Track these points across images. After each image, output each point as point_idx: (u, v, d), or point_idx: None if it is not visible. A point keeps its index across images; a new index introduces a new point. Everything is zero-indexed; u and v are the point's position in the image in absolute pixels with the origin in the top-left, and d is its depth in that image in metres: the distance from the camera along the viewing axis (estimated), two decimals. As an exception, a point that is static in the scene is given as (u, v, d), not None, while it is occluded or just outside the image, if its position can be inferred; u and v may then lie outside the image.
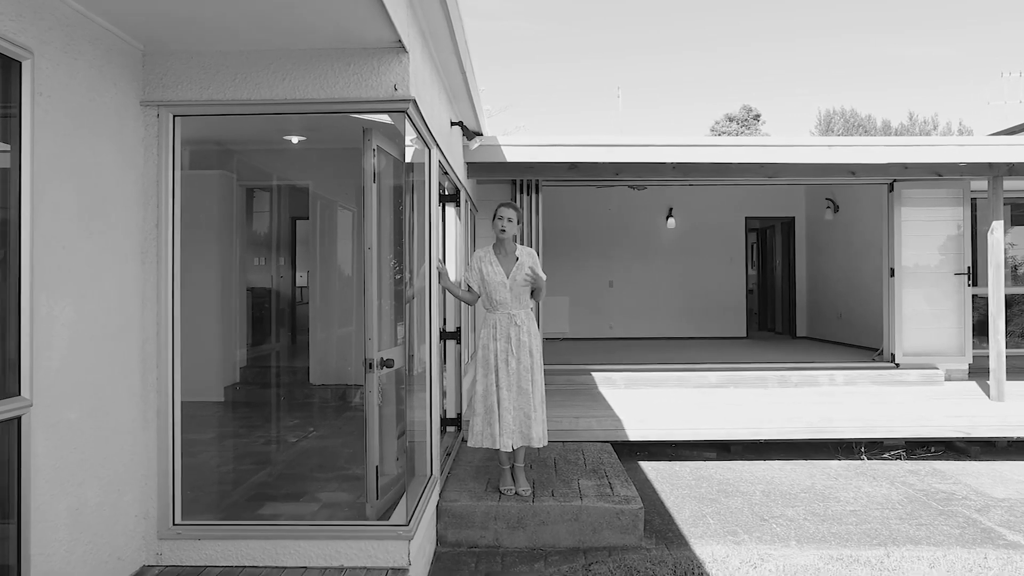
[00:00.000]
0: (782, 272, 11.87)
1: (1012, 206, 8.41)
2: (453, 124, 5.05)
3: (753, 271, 12.79)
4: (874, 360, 7.78)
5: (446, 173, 4.71)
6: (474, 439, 4.11)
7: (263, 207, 8.31)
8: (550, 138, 6.38)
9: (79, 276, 2.69)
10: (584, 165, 6.59)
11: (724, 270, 11.30)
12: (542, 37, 64.77)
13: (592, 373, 7.24)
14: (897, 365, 7.40)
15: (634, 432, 5.67)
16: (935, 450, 6.04)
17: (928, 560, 3.77)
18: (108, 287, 2.89)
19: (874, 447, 6.04)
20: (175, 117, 3.20)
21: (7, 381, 2.33)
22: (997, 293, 6.41)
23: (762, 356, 8.46)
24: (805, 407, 6.15)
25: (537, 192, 7.10)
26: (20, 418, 2.33)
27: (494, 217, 4.12)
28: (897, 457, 5.87)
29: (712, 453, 6.00)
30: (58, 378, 2.54)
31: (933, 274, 7.46)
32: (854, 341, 9.55)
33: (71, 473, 2.61)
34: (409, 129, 3.39)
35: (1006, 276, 7.09)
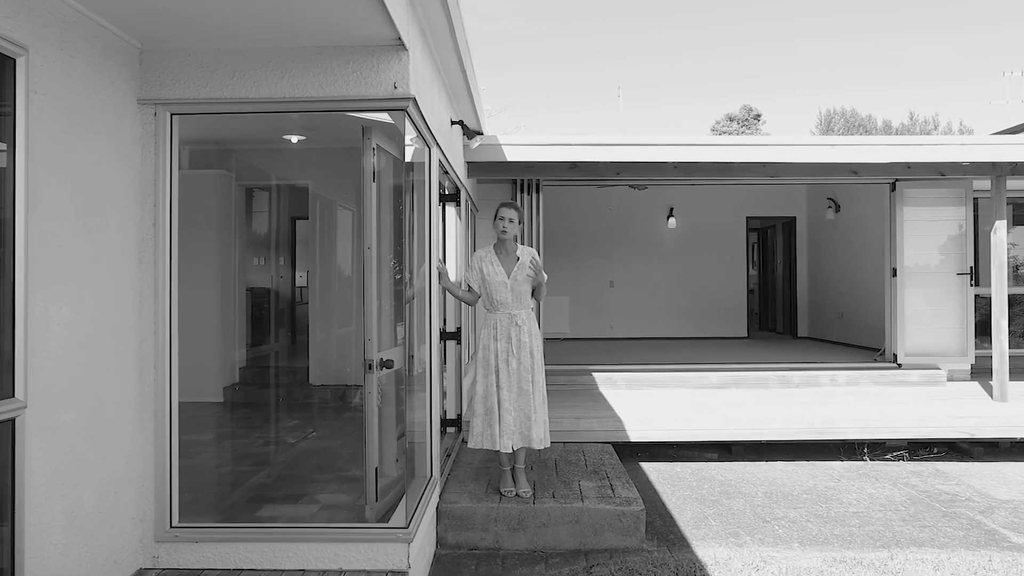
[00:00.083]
0: (783, 272, 11.84)
1: (1013, 206, 8.38)
2: (453, 123, 5.02)
3: (754, 271, 12.77)
4: (876, 360, 7.75)
5: (446, 172, 4.69)
6: (474, 440, 4.08)
7: (262, 207, 8.28)
8: (551, 137, 6.35)
9: (75, 276, 2.66)
10: (585, 164, 6.56)
11: (725, 270, 11.28)
12: (542, 37, 64.82)
13: (593, 373, 7.21)
14: (899, 365, 7.37)
15: (635, 433, 5.64)
16: (938, 451, 6.01)
17: (932, 563, 3.74)
18: (105, 287, 2.86)
19: (876, 448, 6.01)
20: (173, 115, 3.17)
21: (1, 382, 2.30)
22: (1000, 293, 6.38)
23: (763, 356, 8.43)
24: (807, 408, 6.12)
25: (538, 192, 7.08)
26: (14, 420, 2.30)
27: (495, 217, 4.08)
28: (900, 458, 5.84)
29: (713, 454, 5.97)
30: (54, 379, 2.51)
31: (935, 274, 7.43)
32: (855, 341, 9.52)
33: (67, 475, 2.58)
34: (409, 128, 3.36)
35: (1008, 276, 7.06)
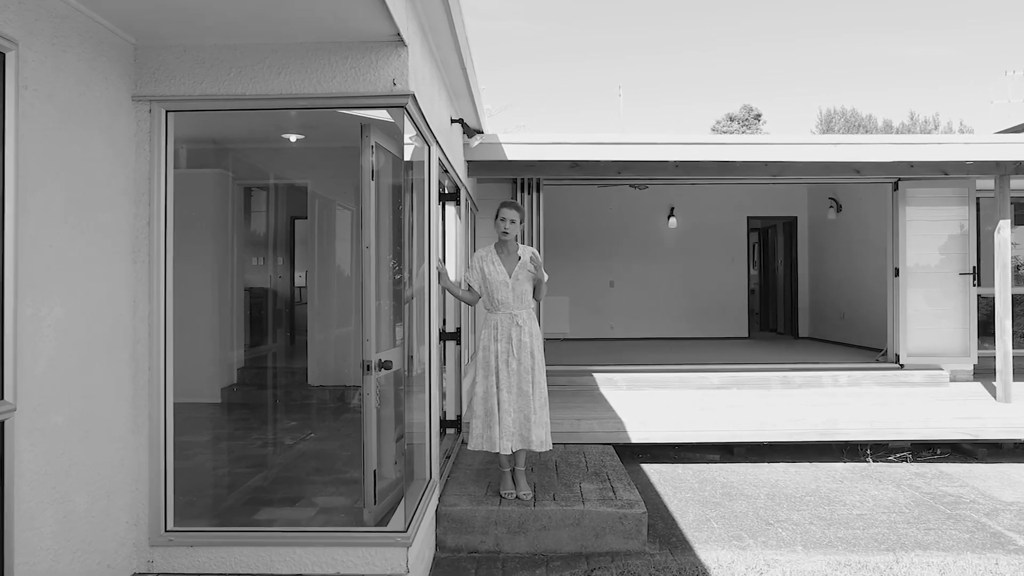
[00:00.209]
0: (784, 272, 11.80)
1: (1015, 206, 8.33)
2: (453, 121, 4.97)
3: (755, 271, 12.72)
4: (878, 361, 7.70)
5: (446, 171, 4.64)
6: (474, 442, 4.03)
7: (261, 206, 8.23)
8: (552, 136, 6.30)
9: (67, 276, 2.61)
10: (586, 163, 6.51)
11: (726, 270, 11.24)
12: (542, 37, 64.79)
13: (593, 374, 7.16)
14: (901, 366, 7.32)
15: (636, 434, 5.59)
16: (941, 452, 5.96)
17: (938, 566, 3.69)
18: (98, 287, 2.81)
19: (879, 449, 5.96)
20: (168, 112, 3.12)
21: (-10, 384, 2.25)
22: (1004, 293, 6.33)
23: (764, 357, 8.38)
24: (809, 408, 6.07)
25: (538, 191, 7.02)
26: (3, 423, 2.24)
27: (496, 217, 4.03)
28: (903, 459, 5.79)
29: (715, 455, 5.92)
30: (44, 381, 2.46)
31: (937, 274, 7.38)
32: (857, 342, 9.47)
33: (58, 479, 2.53)
34: (408, 126, 3.31)
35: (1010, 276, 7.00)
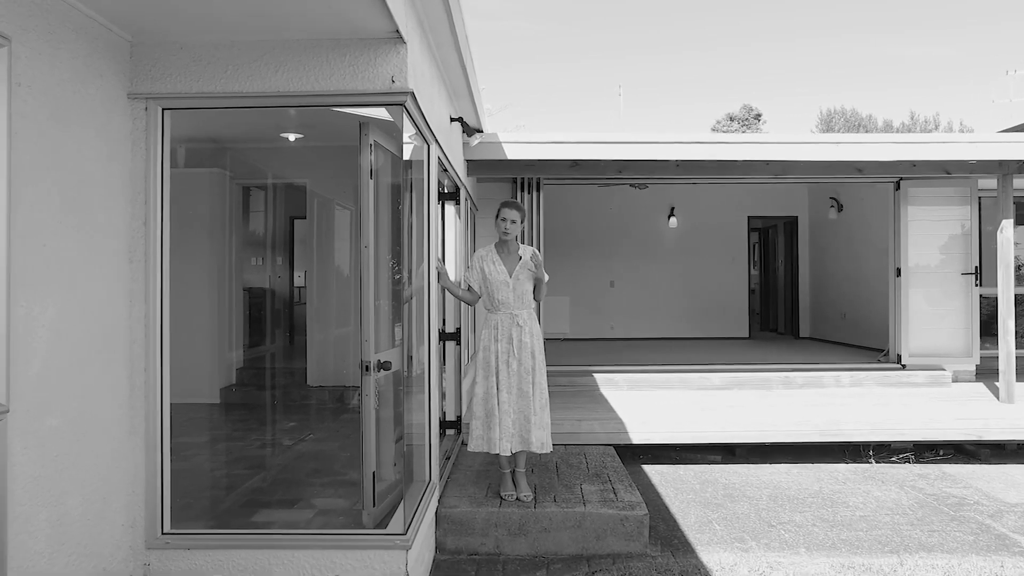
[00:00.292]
0: (785, 272, 11.76)
1: (1017, 205, 8.29)
2: (453, 120, 4.93)
3: (755, 271, 12.68)
4: (880, 361, 7.66)
5: (445, 170, 4.60)
6: (474, 443, 3.99)
7: (259, 206, 8.20)
8: (552, 135, 6.26)
9: (62, 275, 2.57)
10: (586, 163, 6.47)
11: (726, 270, 11.20)
12: (542, 37, 64.80)
13: (594, 374, 7.12)
14: (903, 366, 7.29)
15: (637, 435, 5.55)
16: (944, 453, 5.93)
17: (943, 569, 3.66)
18: (93, 287, 2.77)
19: (882, 450, 5.93)
20: (164, 110, 3.09)
21: (-18, 386, 2.22)
22: (1007, 293, 6.29)
23: (765, 357, 8.35)
24: (811, 409, 6.03)
25: (538, 191, 6.99)
26: (-4, 425, 2.21)
27: (496, 217, 3.99)
28: (905, 460, 5.75)
29: (717, 456, 5.88)
30: (38, 382, 2.43)
31: (939, 274, 7.35)
32: (858, 342, 9.43)
33: (52, 481, 2.50)
34: (407, 125, 3.28)
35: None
